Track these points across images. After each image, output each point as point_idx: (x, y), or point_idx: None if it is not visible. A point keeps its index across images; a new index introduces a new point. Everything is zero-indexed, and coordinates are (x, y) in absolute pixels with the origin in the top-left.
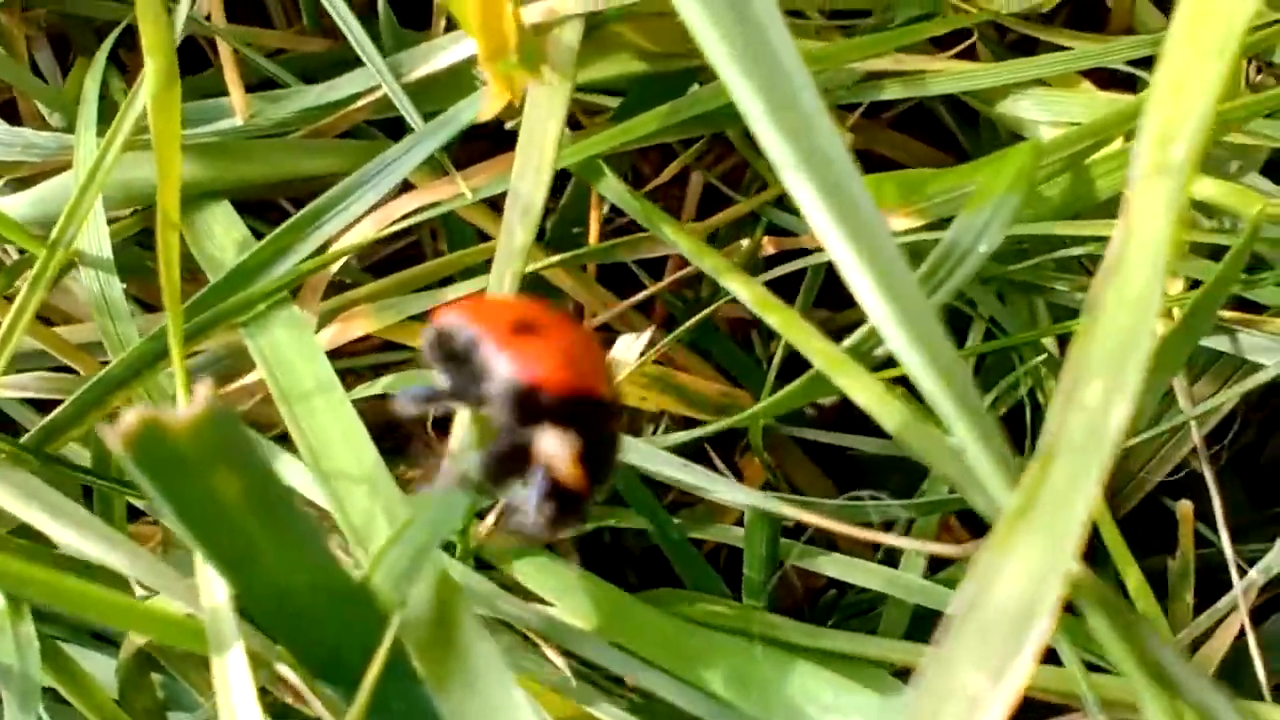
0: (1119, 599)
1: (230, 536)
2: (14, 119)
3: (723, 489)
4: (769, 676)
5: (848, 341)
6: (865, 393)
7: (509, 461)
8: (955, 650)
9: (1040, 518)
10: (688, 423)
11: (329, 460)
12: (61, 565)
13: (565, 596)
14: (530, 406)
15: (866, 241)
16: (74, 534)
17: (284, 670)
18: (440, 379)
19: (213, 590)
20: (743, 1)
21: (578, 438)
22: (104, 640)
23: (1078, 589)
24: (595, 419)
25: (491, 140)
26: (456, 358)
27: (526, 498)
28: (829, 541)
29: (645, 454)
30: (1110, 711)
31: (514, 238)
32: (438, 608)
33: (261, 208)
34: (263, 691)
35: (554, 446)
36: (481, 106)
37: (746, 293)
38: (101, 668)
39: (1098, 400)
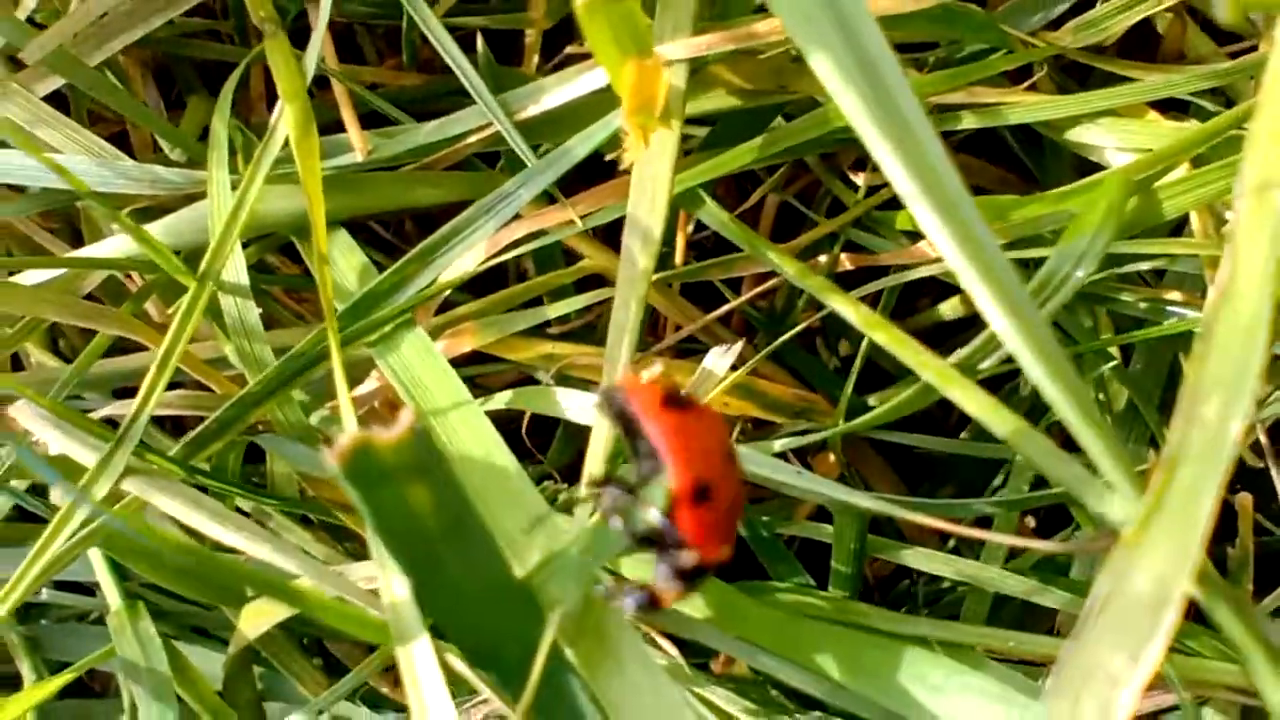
0: (1235, 589)
1: (419, 540)
2: (123, 147)
3: (828, 490)
4: (876, 660)
5: (956, 356)
6: (976, 404)
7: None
8: (1095, 636)
9: (1167, 519)
10: (759, 424)
11: (471, 470)
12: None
13: None
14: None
15: (990, 268)
16: (244, 539)
17: (451, 659)
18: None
19: (394, 588)
20: (868, 59)
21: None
22: (205, 635)
23: (1201, 580)
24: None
25: (584, 169)
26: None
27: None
28: (898, 533)
29: (752, 459)
30: (1190, 689)
31: (636, 265)
32: (588, 606)
33: (354, 227)
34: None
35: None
36: (623, 155)
37: (853, 313)
38: (205, 661)
39: (1216, 414)
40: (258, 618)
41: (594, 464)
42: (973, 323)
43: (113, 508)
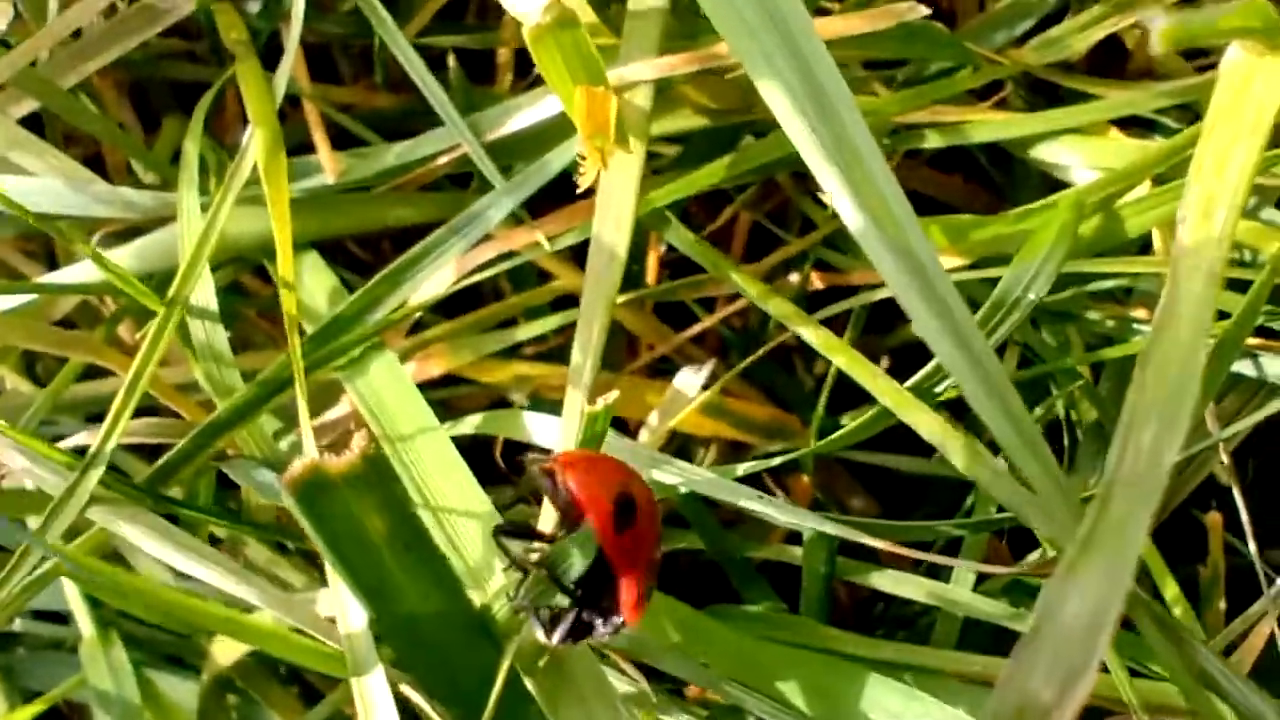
0: (1167, 614)
1: (374, 568)
2: (97, 169)
3: (790, 516)
4: (838, 687)
5: (911, 381)
6: (929, 427)
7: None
8: (1029, 665)
9: (1101, 546)
10: (735, 445)
11: (434, 496)
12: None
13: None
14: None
15: (935, 296)
16: (205, 569)
17: (406, 690)
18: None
19: (350, 618)
20: (816, 84)
21: None
22: (180, 664)
23: (1133, 607)
24: None
25: (554, 188)
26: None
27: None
28: (873, 555)
29: (714, 484)
30: (1152, 714)
31: (600, 286)
32: None
33: (331, 248)
34: None
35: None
36: (580, 178)
37: (813, 336)
38: (179, 690)
39: (1150, 442)
40: (231, 646)
41: (547, 524)
42: None
43: (80, 537)
